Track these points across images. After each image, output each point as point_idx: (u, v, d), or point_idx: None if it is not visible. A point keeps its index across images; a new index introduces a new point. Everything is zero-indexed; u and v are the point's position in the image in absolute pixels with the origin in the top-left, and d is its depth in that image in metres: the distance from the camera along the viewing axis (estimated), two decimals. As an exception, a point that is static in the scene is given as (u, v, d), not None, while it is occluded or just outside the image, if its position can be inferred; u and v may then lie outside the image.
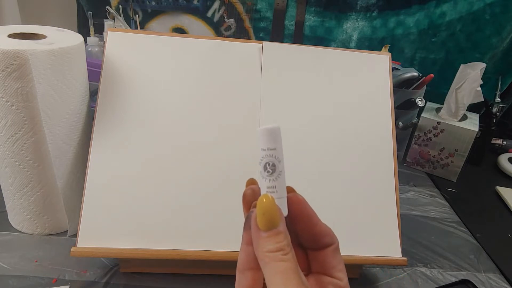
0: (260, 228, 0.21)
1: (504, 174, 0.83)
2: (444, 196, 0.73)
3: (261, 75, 0.50)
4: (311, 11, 0.94)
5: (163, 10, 0.97)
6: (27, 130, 0.45)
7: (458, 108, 0.75)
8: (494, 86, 0.87)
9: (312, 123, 0.50)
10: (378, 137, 0.51)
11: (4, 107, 0.43)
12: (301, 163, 0.49)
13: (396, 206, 0.49)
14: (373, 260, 0.46)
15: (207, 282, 0.48)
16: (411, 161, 0.82)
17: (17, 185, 0.48)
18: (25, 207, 0.50)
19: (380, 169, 0.50)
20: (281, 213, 0.22)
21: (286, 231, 0.22)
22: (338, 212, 0.48)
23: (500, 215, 0.70)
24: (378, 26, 0.94)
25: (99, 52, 0.76)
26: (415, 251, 0.57)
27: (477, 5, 0.87)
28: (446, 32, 0.91)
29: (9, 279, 0.45)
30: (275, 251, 0.21)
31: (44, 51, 0.42)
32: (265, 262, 0.21)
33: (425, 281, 0.52)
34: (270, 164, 0.24)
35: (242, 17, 0.97)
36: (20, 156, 0.46)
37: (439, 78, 0.88)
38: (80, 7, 0.97)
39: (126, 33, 0.50)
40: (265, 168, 0.24)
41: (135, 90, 0.48)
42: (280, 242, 0.21)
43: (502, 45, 0.89)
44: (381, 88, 0.52)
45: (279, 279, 0.20)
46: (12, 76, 0.42)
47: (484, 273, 0.54)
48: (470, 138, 0.75)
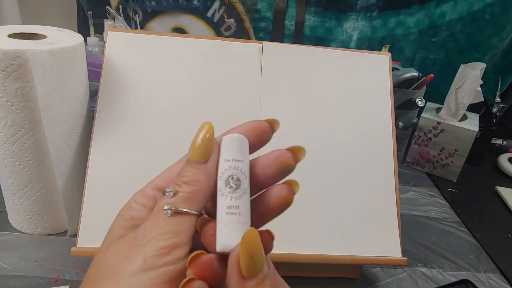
0: (246, 276, 0.17)
1: (504, 174, 0.83)
2: (444, 196, 0.73)
3: (261, 75, 0.50)
4: (311, 11, 0.94)
5: (163, 10, 0.97)
6: (27, 130, 0.45)
7: (458, 108, 0.75)
8: (494, 86, 0.87)
9: (312, 123, 0.50)
10: (378, 137, 0.51)
11: (4, 107, 0.43)
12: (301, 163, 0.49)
13: (396, 206, 0.49)
14: (373, 260, 0.46)
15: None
16: (411, 161, 0.82)
17: (17, 185, 0.48)
18: (25, 207, 0.50)
19: (380, 169, 0.50)
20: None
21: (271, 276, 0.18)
22: (338, 212, 0.48)
23: (500, 215, 0.70)
24: (378, 26, 0.94)
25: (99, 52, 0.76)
26: (415, 251, 0.57)
27: (477, 5, 0.87)
28: (446, 32, 0.91)
29: (9, 279, 0.45)
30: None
31: (44, 51, 0.42)
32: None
33: (425, 281, 0.52)
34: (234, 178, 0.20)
35: (242, 17, 0.97)
36: (20, 156, 0.46)
37: (439, 78, 0.88)
38: (80, 7, 0.97)
39: (126, 33, 0.50)
40: (227, 183, 0.20)
41: (135, 90, 0.48)
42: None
43: (502, 45, 0.89)
44: (381, 88, 0.52)
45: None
46: (12, 76, 0.42)
47: (484, 273, 0.54)
48: (470, 138, 0.75)
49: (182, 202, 0.19)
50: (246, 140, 0.21)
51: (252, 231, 0.17)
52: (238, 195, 0.19)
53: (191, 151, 0.20)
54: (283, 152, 0.21)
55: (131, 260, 0.18)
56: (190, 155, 0.20)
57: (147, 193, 0.21)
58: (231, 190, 0.19)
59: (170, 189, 0.19)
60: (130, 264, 0.18)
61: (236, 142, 0.21)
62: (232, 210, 0.19)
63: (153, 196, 0.21)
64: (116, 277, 0.18)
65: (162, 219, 0.19)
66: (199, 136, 0.20)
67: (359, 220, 0.48)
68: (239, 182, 0.20)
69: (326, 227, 0.47)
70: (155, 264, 0.18)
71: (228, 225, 0.19)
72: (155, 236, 0.18)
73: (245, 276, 0.17)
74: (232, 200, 0.19)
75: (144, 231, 0.19)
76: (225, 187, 0.19)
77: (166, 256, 0.18)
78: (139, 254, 0.18)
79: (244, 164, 0.20)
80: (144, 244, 0.18)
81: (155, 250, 0.18)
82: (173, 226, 0.19)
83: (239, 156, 0.20)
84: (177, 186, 0.20)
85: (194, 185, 0.19)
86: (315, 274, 0.50)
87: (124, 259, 0.18)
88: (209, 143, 0.20)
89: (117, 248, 0.19)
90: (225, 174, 0.20)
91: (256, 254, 0.17)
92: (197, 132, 0.20)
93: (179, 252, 0.18)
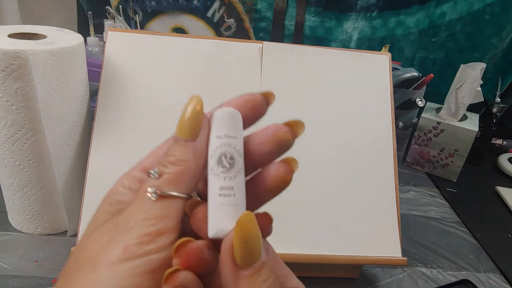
0: (240, 265, 0.16)
1: (504, 174, 0.83)
2: (444, 196, 0.73)
3: (261, 75, 0.50)
4: (311, 11, 0.94)
5: (163, 10, 0.97)
6: (27, 130, 0.45)
7: (458, 108, 0.75)
8: (494, 86, 0.87)
9: (312, 123, 0.50)
10: (378, 137, 0.51)
11: (4, 107, 0.43)
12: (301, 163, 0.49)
13: (396, 206, 0.49)
14: (373, 260, 0.46)
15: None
16: (411, 161, 0.82)
17: (17, 185, 0.48)
18: (25, 207, 0.50)
19: (380, 169, 0.50)
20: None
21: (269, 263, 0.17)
22: (338, 212, 0.48)
23: (500, 215, 0.70)
24: (378, 26, 0.94)
25: (99, 52, 0.76)
26: (415, 251, 0.57)
27: (477, 5, 0.87)
28: (446, 32, 0.91)
29: (9, 279, 0.45)
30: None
31: (44, 51, 0.42)
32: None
33: (425, 281, 0.52)
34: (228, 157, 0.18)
35: (242, 17, 0.97)
36: (20, 156, 0.46)
37: (439, 78, 0.88)
38: (80, 7, 0.97)
39: (126, 33, 0.50)
40: (219, 162, 0.18)
41: (135, 90, 0.48)
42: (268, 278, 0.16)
43: (502, 45, 0.89)
44: (381, 88, 0.52)
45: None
46: (12, 76, 0.42)
47: (484, 273, 0.54)
48: (470, 138, 0.75)
49: (168, 184, 0.17)
50: (239, 115, 0.19)
51: (247, 215, 0.16)
52: (232, 175, 0.18)
53: (178, 128, 0.18)
54: (280, 127, 0.20)
55: (112, 248, 0.17)
56: (177, 132, 0.18)
57: (134, 175, 0.20)
58: (224, 170, 0.18)
59: (155, 170, 0.18)
60: (110, 252, 0.16)
61: (228, 117, 0.19)
62: (226, 191, 0.17)
63: (141, 178, 0.20)
64: (95, 266, 0.16)
65: (146, 203, 0.17)
66: (187, 111, 0.18)
67: (359, 220, 0.48)
68: (232, 160, 0.18)
69: (326, 227, 0.47)
70: (136, 253, 0.16)
71: (221, 208, 0.17)
72: (138, 222, 0.17)
73: (240, 265, 0.16)
74: (226, 181, 0.17)
75: (127, 216, 0.17)
76: (217, 167, 0.18)
77: (149, 244, 0.16)
78: (120, 241, 0.17)
79: (237, 140, 0.18)
80: (126, 231, 0.17)
81: (137, 238, 0.16)
82: (158, 210, 0.17)
83: (232, 132, 0.18)
84: (163, 167, 0.18)
85: (181, 165, 0.18)
86: (315, 274, 0.50)
87: (104, 247, 0.17)
88: (198, 119, 0.18)
89: (99, 235, 0.18)
90: (217, 152, 0.18)
91: (252, 240, 0.15)
92: (184, 106, 0.18)
93: (164, 239, 0.17)
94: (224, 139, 0.18)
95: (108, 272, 0.16)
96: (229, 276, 0.16)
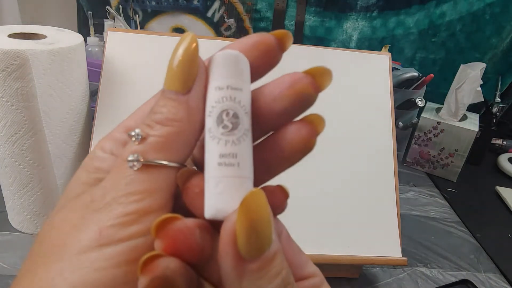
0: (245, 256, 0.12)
1: (504, 174, 0.83)
2: (444, 196, 0.73)
3: (261, 75, 0.50)
4: (311, 11, 0.94)
5: (163, 10, 0.97)
6: (27, 130, 0.45)
7: (458, 108, 0.75)
8: (494, 86, 0.87)
9: (312, 123, 0.50)
10: (378, 137, 0.51)
11: (4, 107, 0.43)
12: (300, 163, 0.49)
13: (396, 206, 0.49)
14: (373, 260, 0.46)
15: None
16: (411, 161, 0.82)
17: (17, 185, 0.48)
18: (25, 207, 0.50)
19: (380, 169, 0.50)
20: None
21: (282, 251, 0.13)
22: (338, 212, 0.48)
23: (500, 215, 0.70)
24: (378, 26, 0.94)
25: (99, 52, 0.76)
26: (415, 251, 0.57)
27: (477, 5, 0.87)
28: (446, 32, 0.91)
29: (9, 279, 0.45)
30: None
31: (44, 51, 0.42)
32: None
33: (425, 281, 0.52)
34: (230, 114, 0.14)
35: (242, 17, 0.97)
36: (20, 156, 0.46)
37: (439, 78, 0.88)
38: (80, 7, 0.97)
39: (126, 33, 0.50)
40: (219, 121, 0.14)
41: (135, 90, 0.48)
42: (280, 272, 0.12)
43: (502, 45, 0.89)
44: (381, 88, 0.52)
45: None
46: (12, 76, 0.42)
47: (484, 273, 0.54)
48: (470, 138, 0.75)
49: (154, 150, 0.14)
50: (246, 60, 0.15)
51: (256, 193, 0.12)
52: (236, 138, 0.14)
53: (167, 77, 0.14)
54: (299, 77, 0.15)
55: (83, 231, 0.13)
56: (166, 84, 0.14)
57: (117, 137, 0.16)
58: (225, 131, 0.14)
59: (137, 132, 0.14)
60: (81, 236, 0.13)
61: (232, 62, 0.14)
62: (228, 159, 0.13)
63: (125, 141, 0.15)
64: (61, 254, 0.13)
65: (126, 174, 0.13)
66: (177, 54, 0.14)
67: (359, 220, 0.48)
68: (237, 119, 0.14)
69: (326, 227, 0.47)
70: (114, 237, 0.13)
71: (221, 181, 0.13)
72: (117, 198, 0.13)
73: (245, 256, 0.12)
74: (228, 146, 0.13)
75: (103, 190, 0.14)
76: (216, 127, 0.14)
77: (132, 226, 0.13)
78: (94, 222, 0.13)
79: (243, 94, 0.14)
80: (102, 209, 0.13)
81: (116, 218, 0.13)
82: (142, 183, 0.13)
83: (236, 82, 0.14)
84: (148, 128, 0.14)
85: (171, 125, 0.14)
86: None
87: (74, 229, 0.13)
88: (192, 64, 0.14)
89: (67, 212, 0.14)
90: (216, 108, 0.14)
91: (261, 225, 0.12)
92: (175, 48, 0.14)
93: (150, 219, 0.13)
94: (226, 91, 0.14)
95: (79, 262, 0.12)
96: (230, 270, 0.12)
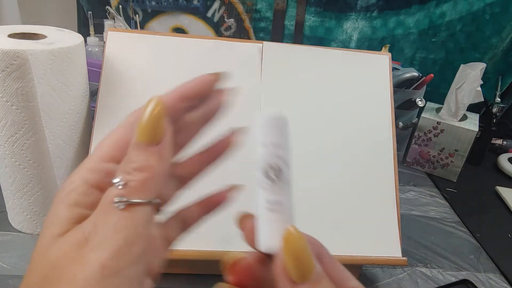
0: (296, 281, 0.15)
1: (504, 174, 0.83)
2: (444, 196, 0.73)
3: (261, 75, 0.50)
4: (311, 11, 0.94)
5: (163, 10, 0.97)
6: (27, 130, 0.45)
7: (458, 108, 0.75)
8: (494, 86, 0.87)
9: (312, 123, 0.50)
10: (378, 137, 0.51)
11: (4, 107, 0.43)
12: (301, 163, 0.49)
13: (396, 206, 0.49)
14: (373, 260, 0.46)
15: (207, 282, 0.48)
16: (411, 161, 0.82)
17: (17, 185, 0.48)
18: (25, 207, 0.50)
19: (380, 169, 0.50)
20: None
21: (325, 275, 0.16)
22: (338, 212, 0.48)
23: (500, 215, 0.70)
24: (378, 26, 0.94)
25: (99, 52, 0.76)
26: (415, 251, 0.57)
27: (477, 5, 0.87)
28: (446, 32, 0.91)
29: (9, 279, 0.45)
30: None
31: (44, 51, 0.42)
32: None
33: (425, 281, 0.52)
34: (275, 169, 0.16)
35: (242, 17, 0.97)
36: (20, 156, 0.46)
37: (439, 78, 0.88)
38: (80, 7, 0.97)
39: (126, 33, 0.50)
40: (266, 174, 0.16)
41: (135, 90, 0.48)
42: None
43: (502, 45, 0.89)
44: (381, 88, 0.52)
45: None
46: (12, 76, 0.42)
47: (484, 273, 0.54)
48: (470, 138, 0.75)
49: (134, 192, 0.16)
50: (286, 120, 0.17)
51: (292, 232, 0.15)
52: (279, 188, 0.16)
53: (138, 132, 0.17)
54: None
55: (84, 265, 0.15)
56: (138, 137, 0.17)
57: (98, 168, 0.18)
58: (271, 183, 0.16)
59: (120, 179, 0.16)
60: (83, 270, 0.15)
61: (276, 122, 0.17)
62: (274, 206, 0.16)
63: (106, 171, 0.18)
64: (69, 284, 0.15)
65: (113, 214, 0.16)
66: (145, 114, 0.17)
67: (359, 220, 0.48)
68: (279, 172, 0.16)
69: (326, 227, 0.47)
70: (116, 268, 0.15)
71: (270, 223, 0.17)
72: (109, 236, 0.16)
73: (296, 280, 0.15)
74: (273, 194, 0.16)
75: (94, 227, 0.16)
76: (263, 179, 0.16)
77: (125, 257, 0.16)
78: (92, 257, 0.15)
79: (285, 150, 0.17)
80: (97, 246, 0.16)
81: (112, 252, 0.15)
82: (128, 220, 0.16)
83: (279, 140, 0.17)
84: (127, 175, 0.17)
85: (146, 171, 0.17)
86: (315, 274, 0.50)
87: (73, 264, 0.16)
88: (159, 121, 0.17)
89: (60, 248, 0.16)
90: (263, 163, 0.16)
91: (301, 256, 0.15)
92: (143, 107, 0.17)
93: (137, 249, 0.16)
94: (270, 148, 0.17)
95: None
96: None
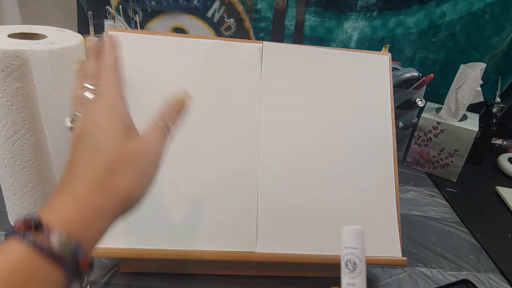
0: None
1: (504, 174, 0.83)
2: (444, 196, 0.73)
3: (261, 75, 0.50)
4: (311, 11, 0.94)
5: (163, 10, 0.97)
6: (27, 130, 0.45)
7: (458, 108, 0.75)
8: (494, 86, 0.87)
9: (312, 123, 0.50)
10: (378, 137, 0.51)
11: (4, 107, 0.43)
12: (301, 163, 0.49)
13: (396, 206, 0.49)
14: (373, 260, 0.46)
15: (207, 282, 0.48)
16: (411, 161, 0.82)
17: (17, 185, 0.48)
18: (25, 207, 0.50)
19: (380, 169, 0.50)
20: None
21: None
22: (338, 212, 0.48)
23: (500, 215, 0.70)
24: (378, 26, 0.94)
25: (99, 52, 0.76)
26: (415, 251, 0.57)
27: (477, 5, 0.87)
28: (446, 32, 0.91)
29: (9, 279, 0.45)
30: None
31: (44, 51, 0.42)
32: None
33: (425, 281, 0.52)
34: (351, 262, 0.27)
35: (242, 17, 0.97)
36: (20, 156, 0.46)
37: (439, 78, 0.88)
38: (80, 7, 0.97)
39: (126, 33, 0.50)
40: (346, 265, 0.27)
41: (134, 90, 0.48)
42: None
43: (502, 45, 0.89)
44: (381, 88, 0.52)
45: None
46: (12, 76, 0.42)
47: (484, 273, 0.54)
48: (470, 138, 0.75)
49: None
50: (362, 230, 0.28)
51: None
52: (354, 275, 0.26)
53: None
54: None
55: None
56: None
57: None
58: (349, 272, 0.26)
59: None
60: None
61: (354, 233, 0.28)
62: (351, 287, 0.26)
63: None
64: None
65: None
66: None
67: (359, 220, 0.48)
68: (355, 265, 0.26)
69: (326, 227, 0.47)
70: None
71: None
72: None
73: None
74: (350, 279, 0.26)
75: None
76: (345, 268, 0.27)
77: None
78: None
79: (359, 250, 0.27)
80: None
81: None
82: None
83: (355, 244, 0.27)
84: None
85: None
86: (315, 274, 0.50)
87: None
88: None
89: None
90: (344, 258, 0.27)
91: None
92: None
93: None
94: (349, 250, 0.27)
95: None
96: None
